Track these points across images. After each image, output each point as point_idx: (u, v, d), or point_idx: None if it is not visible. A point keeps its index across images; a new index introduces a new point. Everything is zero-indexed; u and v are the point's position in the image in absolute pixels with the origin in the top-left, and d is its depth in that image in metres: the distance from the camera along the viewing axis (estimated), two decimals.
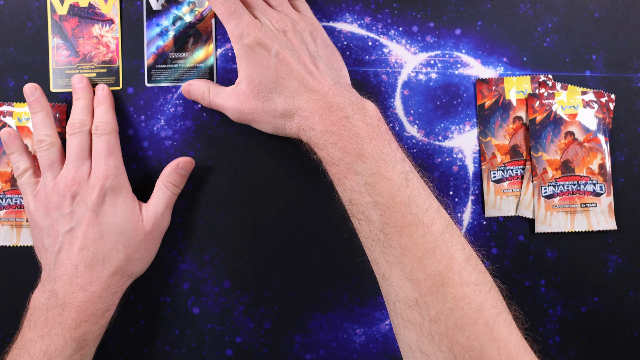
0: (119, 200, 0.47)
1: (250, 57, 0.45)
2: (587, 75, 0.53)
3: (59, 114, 0.52)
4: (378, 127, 0.43)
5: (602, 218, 0.52)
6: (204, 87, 0.50)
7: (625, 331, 0.52)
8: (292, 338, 0.52)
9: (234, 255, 0.52)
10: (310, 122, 0.43)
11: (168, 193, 0.50)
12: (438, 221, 0.40)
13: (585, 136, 0.52)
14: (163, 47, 0.52)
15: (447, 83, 0.53)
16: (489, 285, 0.38)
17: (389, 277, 0.39)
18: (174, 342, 0.52)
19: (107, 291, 0.46)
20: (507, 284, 0.53)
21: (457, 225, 0.41)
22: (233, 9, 0.45)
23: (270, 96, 0.45)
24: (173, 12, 0.52)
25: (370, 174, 0.40)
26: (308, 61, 0.45)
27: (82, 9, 0.52)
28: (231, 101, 0.47)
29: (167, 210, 0.50)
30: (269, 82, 0.45)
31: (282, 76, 0.44)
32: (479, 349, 0.35)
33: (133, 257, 0.47)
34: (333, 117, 0.42)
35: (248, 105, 0.46)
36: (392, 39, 0.53)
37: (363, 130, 0.42)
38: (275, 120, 0.46)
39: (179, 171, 0.50)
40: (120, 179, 0.48)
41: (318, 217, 0.52)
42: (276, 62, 0.45)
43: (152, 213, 0.49)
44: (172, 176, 0.50)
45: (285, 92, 0.44)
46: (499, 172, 0.52)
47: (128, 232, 0.47)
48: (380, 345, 0.52)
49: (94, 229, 0.46)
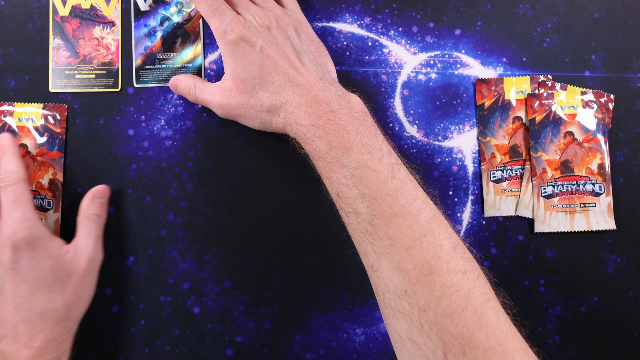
0: (39, 252, 0.45)
1: (235, 53, 0.46)
2: (587, 75, 0.53)
3: (58, 114, 0.52)
4: (364, 121, 0.43)
5: (602, 218, 0.52)
6: (191, 83, 0.50)
7: (625, 331, 0.52)
8: (292, 338, 0.52)
9: (234, 255, 0.52)
10: (296, 116, 0.44)
11: (94, 226, 0.49)
12: (425, 211, 0.40)
13: (584, 136, 0.52)
14: (151, 47, 0.52)
15: (447, 83, 0.53)
16: (477, 273, 0.39)
17: (378, 268, 0.40)
18: (174, 342, 0.52)
19: (54, 341, 0.45)
20: (506, 284, 0.53)
21: (448, 220, 0.42)
22: (216, 6, 0.46)
23: (255, 91, 0.46)
24: (161, 12, 0.52)
25: (357, 166, 0.41)
26: (293, 56, 0.46)
27: (84, 11, 0.53)
28: (217, 97, 0.48)
29: (98, 244, 0.49)
30: (254, 77, 0.45)
31: (267, 71, 0.45)
32: (468, 336, 0.36)
33: (72, 301, 0.46)
34: (319, 111, 0.43)
35: (234, 100, 0.47)
36: (392, 39, 0.53)
37: (349, 123, 0.43)
38: (261, 115, 0.46)
39: (96, 201, 0.50)
40: (34, 229, 0.45)
41: (318, 217, 0.52)
42: (261, 57, 0.45)
43: (83, 250, 0.48)
44: (92, 207, 0.49)
45: (271, 88, 0.45)
46: (499, 172, 0.52)
47: (60, 279, 0.46)
48: (380, 344, 0.52)
49: (22, 287, 0.44)
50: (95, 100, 0.53)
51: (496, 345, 0.36)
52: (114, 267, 0.52)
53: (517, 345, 0.37)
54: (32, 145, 0.52)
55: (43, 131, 0.52)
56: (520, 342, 0.37)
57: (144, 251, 0.52)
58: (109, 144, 0.53)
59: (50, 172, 0.52)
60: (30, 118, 0.52)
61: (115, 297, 0.52)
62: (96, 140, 0.53)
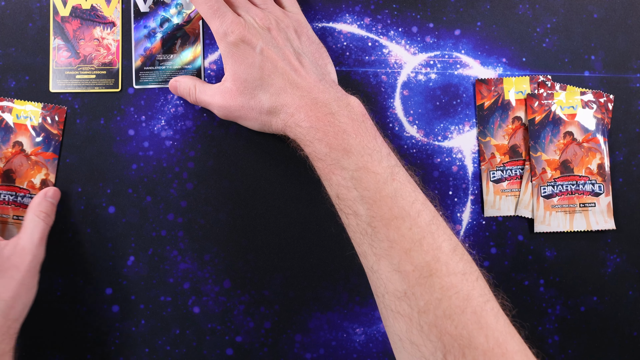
0: None
1: (235, 54, 0.46)
2: (586, 75, 0.53)
3: (57, 116, 0.52)
4: (363, 123, 0.44)
5: (601, 218, 0.52)
6: (190, 84, 0.50)
7: (624, 330, 0.52)
8: (292, 337, 0.52)
9: (235, 255, 0.52)
10: (296, 118, 0.44)
11: (41, 224, 0.49)
12: (424, 213, 0.41)
13: (584, 136, 0.52)
14: (151, 49, 0.52)
15: (447, 83, 0.53)
16: (476, 275, 0.40)
17: (378, 270, 0.40)
18: (175, 342, 0.52)
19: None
20: (506, 284, 0.53)
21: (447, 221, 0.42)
22: (216, 7, 0.46)
23: (255, 93, 0.46)
24: (161, 14, 0.52)
25: (357, 168, 0.42)
26: (293, 58, 0.46)
27: (85, 11, 0.53)
28: (217, 98, 0.48)
29: (42, 242, 0.48)
30: (254, 79, 0.45)
31: (267, 73, 0.45)
32: (468, 337, 0.36)
33: (12, 297, 0.46)
34: (318, 113, 0.43)
35: (234, 102, 0.47)
36: (391, 40, 0.53)
37: (348, 125, 0.43)
38: (261, 117, 0.46)
39: (48, 199, 0.50)
40: None
41: (318, 217, 0.52)
42: (261, 59, 0.45)
43: (27, 247, 0.47)
44: (43, 205, 0.49)
45: (271, 89, 0.45)
46: (498, 172, 0.52)
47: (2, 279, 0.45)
48: (380, 344, 0.52)
49: None
50: (96, 100, 0.53)
51: (495, 347, 0.36)
52: (114, 267, 0.52)
53: (517, 347, 0.37)
54: (28, 144, 0.52)
55: (40, 131, 0.52)
56: (519, 344, 0.38)
57: (144, 251, 0.52)
58: (109, 144, 0.53)
59: (43, 172, 0.52)
60: (28, 116, 0.52)
61: (115, 297, 0.52)
62: (96, 141, 0.53)
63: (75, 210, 0.52)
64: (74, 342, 0.52)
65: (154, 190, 0.53)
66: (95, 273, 0.52)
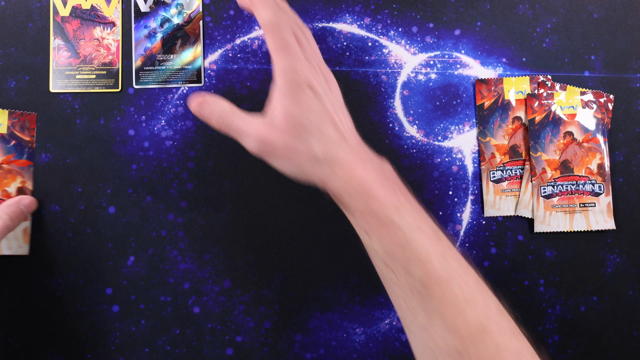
0: None
1: (297, 94, 0.44)
2: (586, 75, 0.53)
3: (27, 122, 0.51)
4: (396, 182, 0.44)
5: (601, 218, 0.52)
6: (225, 106, 0.47)
7: (624, 330, 0.52)
8: (292, 337, 0.52)
9: (235, 255, 0.52)
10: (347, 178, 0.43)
11: (1, 223, 0.48)
12: (470, 272, 0.42)
13: (584, 136, 0.52)
14: (151, 49, 0.52)
15: (447, 83, 0.53)
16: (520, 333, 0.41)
17: (428, 328, 0.41)
18: (175, 342, 0.51)
19: None
20: (506, 284, 0.53)
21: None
22: (288, 42, 0.44)
23: (307, 137, 0.44)
24: (161, 14, 0.52)
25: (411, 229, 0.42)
26: (339, 112, 0.46)
27: (85, 11, 0.53)
28: (260, 129, 0.45)
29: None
30: (310, 124, 0.44)
31: (323, 122, 0.44)
32: None
33: None
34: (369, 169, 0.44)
35: (280, 139, 0.44)
36: (391, 40, 0.53)
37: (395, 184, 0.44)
38: (305, 162, 0.44)
39: (19, 205, 0.50)
40: None
41: (318, 217, 0.52)
42: (320, 107, 0.44)
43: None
44: (12, 208, 0.50)
45: (324, 140, 0.44)
46: (498, 172, 0.52)
47: None
48: (380, 344, 0.52)
49: None
50: (96, 100, 0.53)
51: None
52: (114, 267, 0.52)
53: None
54: None
55: (9, 138, 0.52)
56: None
57: (144, 251, 0.52)
58: (109, 144, 0.53)
59: (19, 180, 0.52)
60: (2, 124, 0.51)
61: (115, 296, 0.52)
62: (97, 141, 0.53)
63: (75, 210, 0.52)
64: (74, 342, 0.52)
65: (154, 190, 0.53)
66: (95, 273, 0.52)
